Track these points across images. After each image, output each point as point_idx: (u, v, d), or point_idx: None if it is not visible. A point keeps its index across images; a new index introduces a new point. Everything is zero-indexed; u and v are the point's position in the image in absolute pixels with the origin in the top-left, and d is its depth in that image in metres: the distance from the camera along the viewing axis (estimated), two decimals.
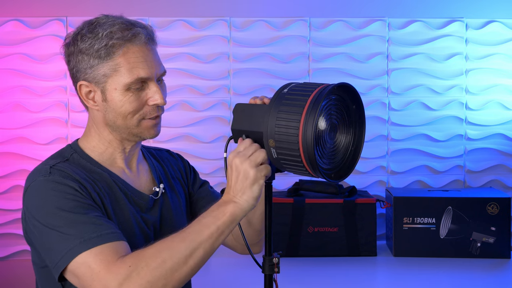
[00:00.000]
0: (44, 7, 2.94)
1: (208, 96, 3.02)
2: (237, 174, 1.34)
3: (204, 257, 1.33)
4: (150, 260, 1.28)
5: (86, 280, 1.30)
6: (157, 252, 1.30)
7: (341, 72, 3.05)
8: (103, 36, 1.44)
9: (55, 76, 2.94)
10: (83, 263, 1.30)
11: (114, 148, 1.54)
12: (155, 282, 1.28)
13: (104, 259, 1.29)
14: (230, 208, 1.34)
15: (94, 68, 1.46)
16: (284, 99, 1.32)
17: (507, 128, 3.10)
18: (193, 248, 1.31)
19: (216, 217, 1.34)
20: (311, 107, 1.27)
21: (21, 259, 2.94)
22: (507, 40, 3.09)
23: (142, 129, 1.50)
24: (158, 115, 1.50)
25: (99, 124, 1.53)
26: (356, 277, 2.54)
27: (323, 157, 1.32)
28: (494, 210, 2.72)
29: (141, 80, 1.46)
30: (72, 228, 1.33)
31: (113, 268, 1.28)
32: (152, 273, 1.27)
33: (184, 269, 1.31)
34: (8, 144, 2.93)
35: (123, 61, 1.44)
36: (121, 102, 1.46)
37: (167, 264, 1.29)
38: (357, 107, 1.38)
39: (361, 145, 1.39)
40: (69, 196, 1.37)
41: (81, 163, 1.50)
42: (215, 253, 2.78)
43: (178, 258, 1.30)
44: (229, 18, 3.02)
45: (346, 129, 1.37)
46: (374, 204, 2.77)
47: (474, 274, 2.54)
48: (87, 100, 1.52)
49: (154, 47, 1.50)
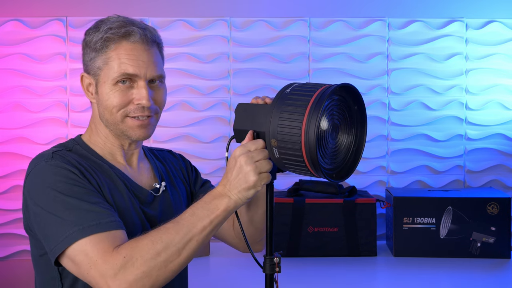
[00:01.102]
0: (44, 7, 2.94)
1: (208, 96, 3.02)
2: (238, 173, 1.35)
3: (196, 248, 1.36)
4: (144, 251, 1.31)
5: (84, 267, 1.33)
6: (152, 244, 1.32)
7: (341, 72, 3.05)
8: (102, 30, 1.49)
9: (55, 76, 2.94)
10: (81, 251, 1.33)
11: (112, 143, 1.56)
12: (149, 272, 1.31)
13: (101, 248, 1.32)
14: (224, 203, 1.36)
15: (92, 61, 1.51)
16: (287, 99, 1.32)
17: (507, 128, 3.10)
18: (187, 240, 1.34)
19: (210, 210, 1.36)
20: (314, 108, 1.27)
21: (21, 259, 2.94)
22: (507, 40, 3.09)
23: (127, 127, 1.51)
24: (143, 115, 1.50)
25: (96, 118, 1.56)
26: (356, 277, 2.54)
27: (325, 157, 1.32)
28: (494, 210, 2.72)
29: (128, 77, 1.48)
30: (71, 213, 1.36)
31: (109, 258, 1.31)
32: (146, 264, 1.31)
33: (178, 260, 1.34)
34: (8, 144, 2.93)
35: (114, 55, 1.48)
36: (107, 95, 1.49)
37: (162, 256, 1.32)
38: (359, 108, 1.38)
39: (362, 145, 1.40)
40: (70, 181, 1.40)
41: (83, 154, 1.53)
42: (215, 253, 2.78)
43: (172, 250, 1.33)
44: (229, 18, 3.02)
45: (348, 129, 1.38)
46: (374, 204, 2.77)
47: (474, 274, 2.54)
48: (87, 93, 1.56)
49: (151, 49, 1.51)
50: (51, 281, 1.48)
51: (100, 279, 1.31)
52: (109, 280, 1.30)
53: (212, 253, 2.82)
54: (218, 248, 2.87)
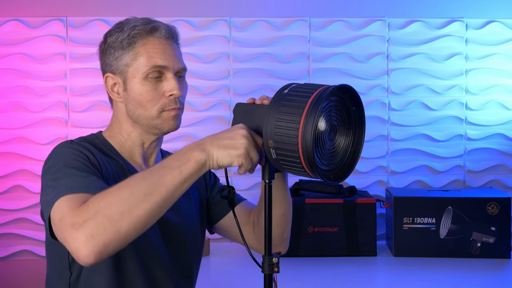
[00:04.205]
0: (44, 7, 2.94)
1: (208, 96, 3.02)
2: (229, 136, 1.32)
3: (165, 199, 1.27)
4: (109, 197, 1.25)
5: (55, 221, 1.29)
6: (117, 190, 1.26)
7: (341, 72, 3.05)
8: (127, 29, 1.53)
9: (55, 76, 2.94)
10: (59, 207, 1.30)
11: (133, 141, 1.58)
12: (111, 216, 1.23)
13: (74, 202, 1.28)
14: (196, 154, 1.30)
15: (118, 59, 1.54)
16: (285, 100, 1.32)
17: (507, 128, 3.10)
18: (154, 187, 1.26)
19: (181, 161, 1.29)
20: (311, 109, 1.27)
21: (21, 259, 2.94)
22: (507, 40, 3.09)
23: (162, 120, 1.54)
24: (176, 107, 1.54)
25: (122, 117, 1.58)
26: (356, 277, 2.54)
27: (322, 159, 1.32)
28: (494, 210, 2.72)
29: (158, 69, 1.52)
30: (67, 178, 1.35)
31: (76, 209, 1.26)
32: (109, 208, 1.23)
33: (143, 207, 1.25)
34: (8, 144, 2.93)
35: (143, 50, 1.52)
36: (139, 90, 1.52)
37: (126, 200, 1.24)
38: (357, 109, 1.38)
39: (360, 147, 1.40)
40: (80, 159, 1.42)
41: (101, 148, 1.55)
42: (215, 253, 2.77)
43: (137, 195, 1.25)
44: (229, 18, 3.02)
45: (345, 130, 1.38)
46: (374, 204, 2.77)
47: (474, 274, 2.54)
48: (112, 93, 1.57)
49: (174, 44, 1.58)
50: (61, 268, 1.49)
51: (65, 230, 1.25)
52: (71, 227, 1.23)
53: (212, 253, 2.82)
54: (218, 248, 2.87)
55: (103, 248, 1.22)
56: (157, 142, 1.62)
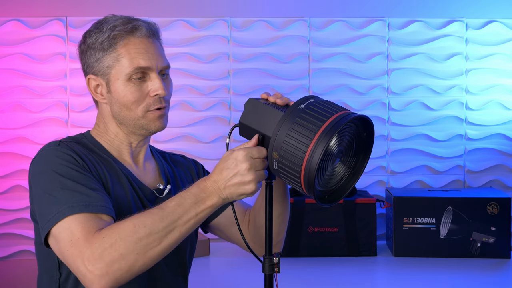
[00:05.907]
0: (44, 7, 2.94)
1: (208, 96, 3.02)
2: (236, 175, 1.34)
3: (178, 239, 1.35)
4: (125, 234, 1.30)
5: (65, 244, 1.33)
6: (134, 227, 1.31)
7: (341, 72, 3.05)
8: (107, 29, 1.50)
9: (55, 76, 2.94)
10: (66, 228, 1.33)
11: (121, 141, 1.57)
12: (127, 256, 1.29)
13: (86, 227, 1.32)
14: (214, 200, 1.36)
15: (100, 61, 1.51)
16: (299, 117, 1.28)
17: (507, 128, 3.10)
18: (170, 230, 1.33)
19: (197, 203, 1.35)
20: (323, 136, 1.24)
21: (21, 259, 2.94)
22: (507, 40, 3.09)
23: (148, 120, 1.52)
24: (162, 106, 1.52)
25: (107, 118, 1.57)
26: (356, 277, 2.54)
27: (320, 181, 1.32)
28: (494, 210, 2.72)
29: (142, 70, 1.49)
30: (64, 193, 1.36)
31: (90, 238, 1.30)
32: (125, 247, 1.29)
33: (158, 248, 1.32)
34: (8, 144, 2.93)
35: (124, 51, 1.49)
36: (123, 92, 1.50)
37: (142, 241, 1.30)
38: (368, 135, 1.36)
39: (360, 172, 1.38)
40: (70, 165, 1.41)
41: (90, 148, 1.55)
42: (215, 253, 2.78)
43: (154, 237, 1.31)
44: (229, 18, 3.02)
45: (350, 157, 1.37)
46: (374, 204, 2.77)
47: (474, 274, 2.54)
48: (95, 94, 1.56)
49: (156, 41, 1.54)
50: (51, 269, 1.49)
51: (77, 257, 1.30)
52: (86, 259, 1.28)
53: (212, 253, 2.82)
54: (218, 248, 2.87)
55: (116, 283, 1.30)
56: (145, 141, 1.60)
